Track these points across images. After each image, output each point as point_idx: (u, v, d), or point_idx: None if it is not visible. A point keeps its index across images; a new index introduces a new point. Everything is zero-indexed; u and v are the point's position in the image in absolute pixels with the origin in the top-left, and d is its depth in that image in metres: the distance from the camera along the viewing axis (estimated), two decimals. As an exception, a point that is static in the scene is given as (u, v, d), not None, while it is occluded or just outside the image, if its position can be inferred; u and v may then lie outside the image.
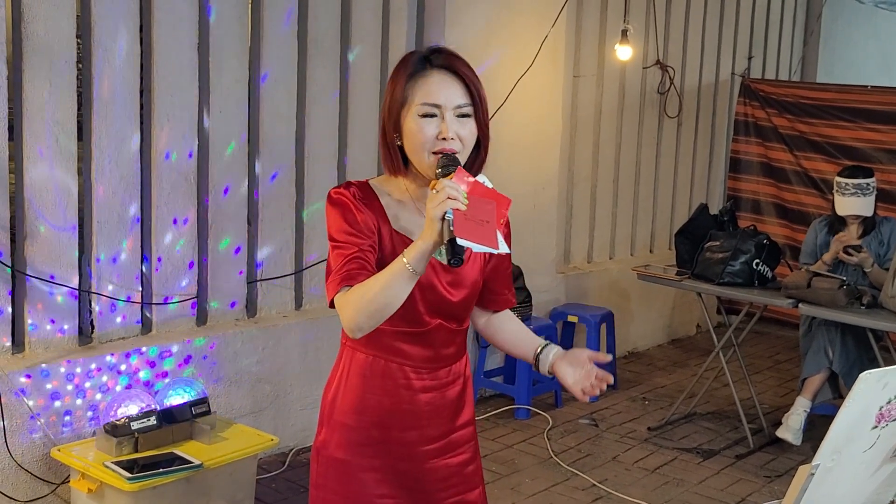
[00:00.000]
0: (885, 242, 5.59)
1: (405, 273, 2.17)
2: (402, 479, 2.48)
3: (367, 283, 2.22)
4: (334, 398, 2.48)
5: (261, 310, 5.25)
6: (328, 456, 2.47)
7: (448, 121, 2.30)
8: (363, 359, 2.44)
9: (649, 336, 7.60)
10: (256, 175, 5.17)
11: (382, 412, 2.44)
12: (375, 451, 2.45)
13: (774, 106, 7.75)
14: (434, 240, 2.12)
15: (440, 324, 2.42)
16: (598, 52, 7.06)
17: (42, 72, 4.26)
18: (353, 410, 2.45)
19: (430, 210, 2.11)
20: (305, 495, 4.76)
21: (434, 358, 2.45)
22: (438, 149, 2.29)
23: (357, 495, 2.46)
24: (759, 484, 5.16)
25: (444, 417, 2.50)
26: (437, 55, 2.37)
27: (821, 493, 1.83)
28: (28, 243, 4.34)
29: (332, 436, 2.47)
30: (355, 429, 2.45)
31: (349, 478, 2.45)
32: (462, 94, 2.33)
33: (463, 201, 2.10)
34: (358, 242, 2.30)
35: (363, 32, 5.52)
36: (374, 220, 2.35)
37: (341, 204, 2.35)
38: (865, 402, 1.78)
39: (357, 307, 2.22)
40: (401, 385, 2.43)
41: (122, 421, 4.21)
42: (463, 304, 2.46)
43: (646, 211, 7.78)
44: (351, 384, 2.45)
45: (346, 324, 2.27)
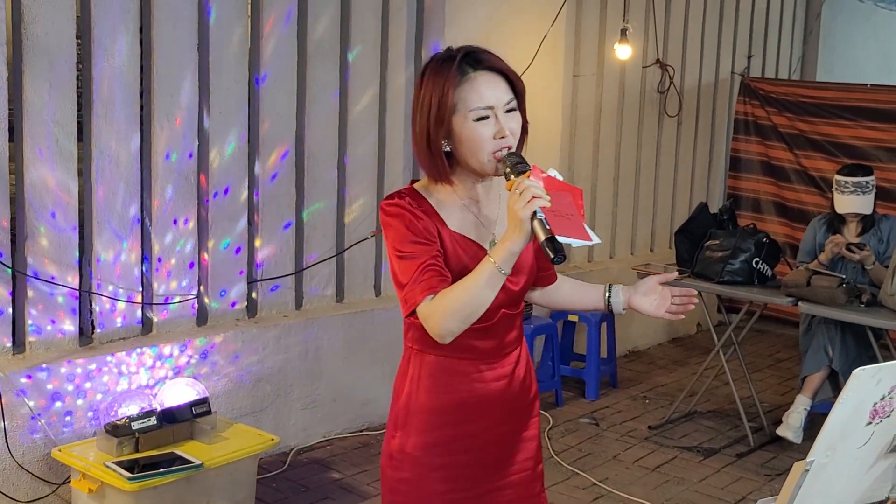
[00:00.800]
0: (885, 240, 5.60)
1: (495, 275, 2.24)
2: (482, 467, 2.53)
3: (454, 290, 2.28)
4: (407, 402, 2.51)
5: (261, 310, 5.26)
6: (403, 461, 2.51)
7: (501, 119, 2.36)
8: (433, 360, 2.48)
9: (650, 335, 7.60)
10: (256, 175, 5.18)
11: (457, 408, 2.48)
12: (453, 448, 2.50)
13: (774, 105, 7.75)
14: (523, 239, 2.18)
15: (504, 312, 2.48)
16: (598, 51, 7.06)
17: (42, 73, 4.27)
18: (429, 411, 2.49)
19: (518, 211, 2.16)
20: (306, 495, 4.78)
21: (500, 346, 2.51)
22: (497, 148, 2.35)
23: (430, 496, 2.50)
24: (760, 482, 5.16)
25: (514, 398, 2.57)
26: (471, 57, 2.40)
27: (816, 489, 1.84)
28: (28, 244, 4.35)
29: (407, 439, 2.51)
30: (433, 428, 2.49)
31: (423, 479, 2.50)
32: (507, 90, 2.39)
33: (546, 198, 2.16)
34: (427, 250, 2.35)
35: (362, 32, 5.53)
36: (433, 225, 2.39)
37: (400, 214, 2.39)
38: (859, 399, 1.79)
39: (447, 313, 2.27)
40: (474, 379, 2.49)
41: (123, 421, 4.22)
42: (523, 290, 2.53)
43: (646, 210, 7.79)
44: (424, 386, 2.49)
45: (435, 331, 2.31)
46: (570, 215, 2.18)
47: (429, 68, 2.42)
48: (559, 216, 2.15)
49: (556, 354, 6.26)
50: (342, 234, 5.59)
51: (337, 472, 5.06)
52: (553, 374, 6.25)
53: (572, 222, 2.17)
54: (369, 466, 5.12)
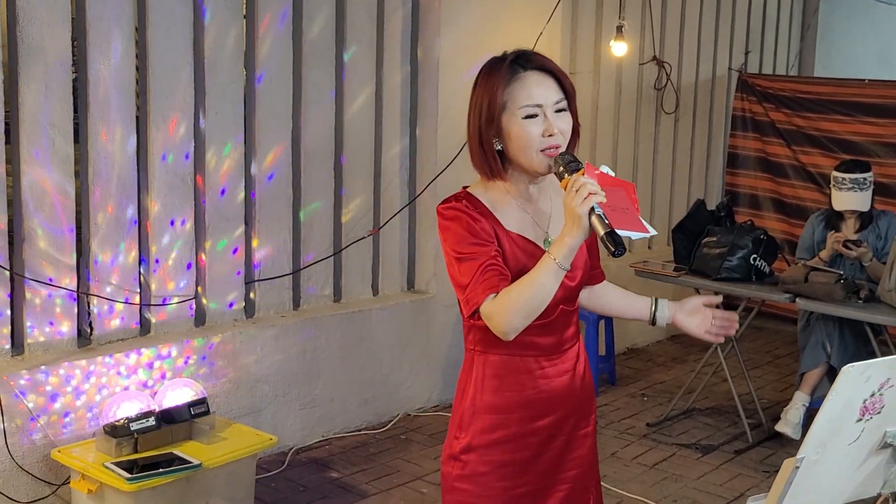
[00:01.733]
0: (883, 236, 5.60)
1: (555, 271, 2.29)
2: (541, 463, 2.56)
3: (516, 287, 2.34)
4: (473, 403, 2.55)
5: (259, 310, 5.26)
6: (473, 459, 2.54)
7: (550, 118, 2.41)
8: (497, 360, 2.52)
9: (648, 332, 7.61)
10: (253, 176, 5.18)
11: (523, 405, 2.52)
12: (517, 446, 2.53)
13: (772, 101, 7.75)
14: (582, 235, 2.24)
15: (562, 309, 2.53)
16: (594, 48, 7.06)
17: (38, 75, 4.28)
18: (495, 410, 2.52)
19: (575, 208, 2.21)
20: (305, 494, 4.79)
21: (559, 342, 2.55)
22: (546, 146, 2.40)
23: (494, 492, 2.53)
24: (759, 479, 5.17)
25: (576, 394, 2.60)
26: (524, 58, 2.47)
27: (807, 485, 1.84)
28: (26, 246, 4.35)
29: (473, 440, 2.54)
30: (499, 427, 2.52)
31: (492, 475, 2.53)
32: (557, 90, 2.45)
33: (602, 195, 2.22)
34: (486, 251, 2.40)
35: (358, 32, 5.53)
36: (490, 227, 2.44)
37: (458, 217, 2.44)
38: (848, 396, 1.80)
39: (511, 310, 2.33)
40: (537, 375, 2.53)
41: (122, 422, 4.22)
42: (579, 286, 2.59)
43: (644, 207, 7.75)
44: (488, 386, 2.53)
45: (500, 328, 2.36)
46: (626, 209, 2.25)
47: (482, 70, 2.50)
48: (616, 210, 2.22)
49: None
50: (339, 234, 5.59)
51: (335, 472, 5.06)
52: (552, 371, 6.24)
53: (629, 216, 2.24)
54: (368, 466, 5.13)
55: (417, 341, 5.88)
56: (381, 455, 5.29)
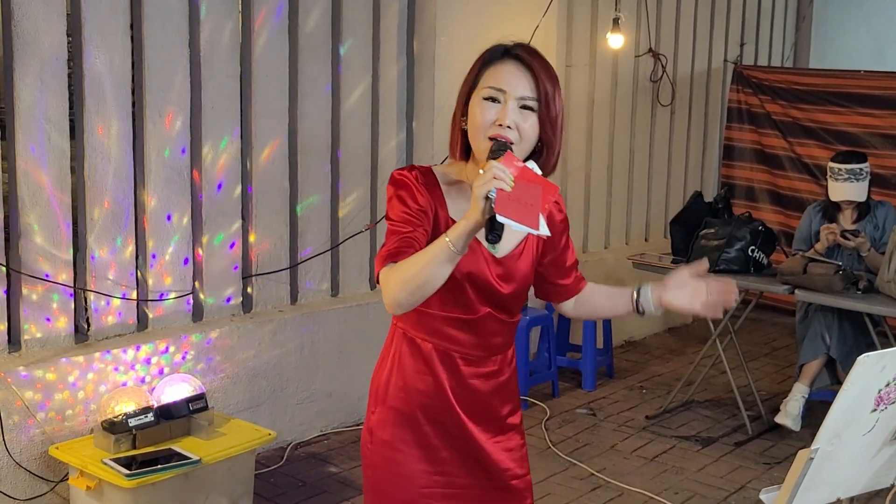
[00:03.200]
0: (880, 227, 5.59)
1: (446, 250, 2.16)
2: (460, 457, 2.52)
3: (409, 260, 2.24)
4: (388, 379, 2.52)
5: (256, 305, 5.24)
6: (381, 437, 2.51)
7: (509, 108, 2.31)
8: (415, 342, 2.48)
9: (646, 325, 7.59)
10: (249, 170, 5.15)
11: (432, 393, 2.48)
12: (427, 431, 2.49)
13: (767, 92, 7.74)
14: (477, 219, 2.12)
15: (490, 313, 2.46)
16: (590, 41, 7.04)
17: (33, 70, 4.25)
18: (404, 392, 2.49)
19: (475, 189, 2.11)
20: (304, 489, 4.77)
21: (482, 346, 2.49)
22: (493, 134, 2.31)
23: (411, 473, 2.49)
24: (759, 471, 5.16)
25: (492, 403, 2.54)
26: (516, 48, 2.40)
27: (821, 477, 1.83)
28: (22, 242, 4.32)
29: (385, 416, 2.51)
30: (407, 409, 2.48)
31: (403, 456, 2.49)
32: (529, 86, 2.34)
33: (509, 182, 2.10)
34: (413, 223, 2.33)
35: (354, 26, 5.51)
36: (431, 205, 2.38)
37: (403, 185, 2.39)
38: (864, 385, 1.78)
39: (398, 283, 2.24)
40: (449, 369, 2.47)
41: (120, 418, 4.20)
42: (513, 297, 2.48)
43: (640, 199, 7.78)
44: (403, 366, 2.49)
45: (386, 299, 2.28)
46: (529, 204, 2.12)
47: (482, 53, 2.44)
48: (514, 201, 2.11)
49: (553, 345, 6.26)
50: (336, 228, 5.57)
51: (334, 466, 5.05)
52: (549, 364, 6.24)
53: (526, 210, 2.11)
54: (367, 460, 5.11)
55: (415, 335, 5.85)
56: (381, 450, 5.27)
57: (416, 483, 2.50)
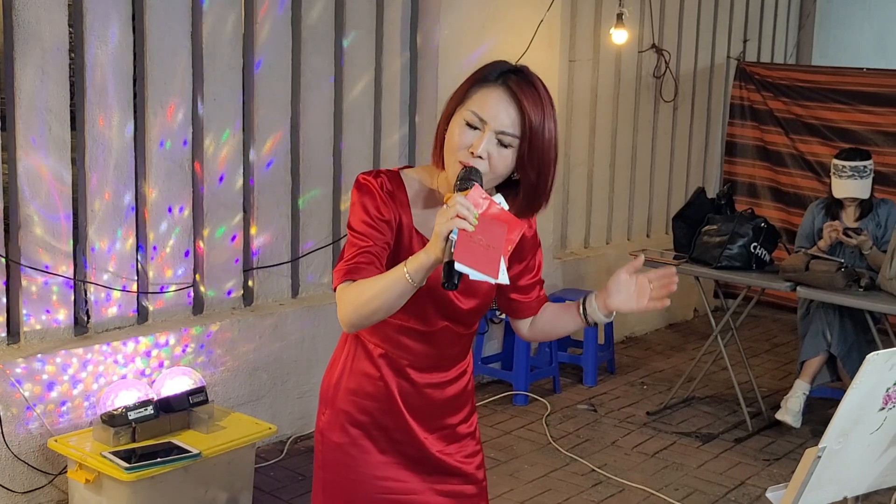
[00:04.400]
0: (883, 225, 5.58)
1: (403, 282, 2.11)
2: (410, 463, 2.48)
3: (366, 283, 2.19)
4: (338, 381, 2.49)
5: (257, 298, 5.22)
6: (331, 439, 2.48)
7: (486, 139, 2.21)
8: (369, 348, 2.44)
9: (647, 321, 7.59)
10: (251, 162, 5.14)
11: (381, 399, 2.44)
12: (375, 436, 2.46)
13: (770, 89, 7.72)
14: (437, 256, 2.05)
15: (447, 326, 2.41)
16: (594, 36, 7.03)
17: (34, 60, 4.22)
18: (355, 395, 2.45)
19: (437, 226, 2.04)
20: (304, 483, 4.76)
21: (437, 356, 2.45)
22: (463, 159, 2.22)
23: (360, 477, 2.46)
24: (759, 467, 5.15)
25: (443, 412, 2.50)
26: (514, 75, 2.27)
27: (827, 475, 1.82)
28: (22, 233, 4.31)
29: (335, 418, 2.47)
30: (357, 413, 2.45)
31: (352, 460, 2.46)
32: (513, 122, 2.22)
33: (472, 222, 2.02)
34: (374, 235, 2.27)
35: (357, 18, 5.48)
36: (395, 214, 2.32)
37: (367, 192, 2.31)
38: (872, 384, 1.77)
39: (353, 304, 2.19)
40: (402, 377, 2.43)
41: (119, 411, 4.19)
42: (473, 311, 2.44)
43: (642, 195, 7.76)
44: (354, 370, 2.46)
45: (340, 317, 2.25)
46: (490, 247, 2.03)
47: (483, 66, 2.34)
48: (475, 244, 2.01)
49: (554, 341, 6.24)
50: (338, 222, 5.55)
51: (335, 461, 5.03)
52: (550, 360, 6.23)
53: (486, 254, 2.03)
54: (367, 455, 5.10)
55: (416, 330, 5.84)
56: (381, 444, 5.26)
57: (366, 488, 2.47)
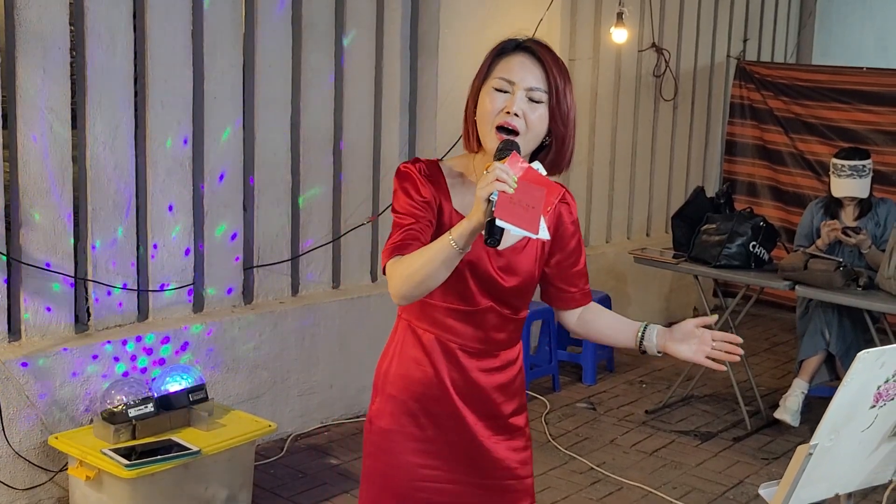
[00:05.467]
0: (882, 224, 5.59)
1: (449, 249, 2.19)
2: (452, 450, 2.52)
3: (413, 255, 2.28)
4: (387, 369, 2.55)
5: (257, 296, 5.24)
6: (379, 425, 2.53)
7: (517, 98, 2.35)
8: (418, 332, 2.50)
9: (646, 319, 7.46)
10: (252, 161, 5.15)
11: (431, 385, 2.49)
12: (423, 423, 2.50)
13: (770, 88, 7.73)
14: (479, 219, 2.14)
15: (492, 306, 2.46)
16: (594, 35, 7.03)
17: (35, 59, 4.24)
18: (403, 381, 2.51)
19: (478, 190, 2.14)
20: (304, 481, 4.78)
21: (484, 340, 2.49)
22: (501, 122, 2.33)
23: (405, 465, 2.51)
24: (757, 466, 5.17)
25: (494, 399, 2.54)
26: (530, 41, 2.44)
27: (819, 472, 1.83)
28: (23, 231, 4.32)
29: (384, 406, 2.53)
30: (406, 399, 2.50)
31: (398, 447, 2.51)
32: (539, 78, 2.37)
33: (511, 184, 2.12)
34: (417, 215, 2.37)
35: (358, 16, 5.50)
36: (436, 197, 2.41)
37: (407, 177, 2.43)
38: (863, 381, 1.78)
39: (402, 277, 2.27)
40: (451, 361, 2.48)
41: (120, 408, 4.20)
42: (515, 291, 2.49)
43: (642, 194, 7.77)
44: (404, 356, 2.52)
45: (391, 291, 2.32)
46: (530, 207, 2.13)
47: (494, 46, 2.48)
48: (516, 204, 2.11)
49: (553, 339, 6.26)
50: (338, 220, 5.57)
51: (334, 458, 5.05)
52: (550, 358, 6.24)
53: (527, 213, 2.12)
54: (367, 452, 5.11)
55: (416, 328, 5.85)
56: (380, 442, 5.27)
57: (410, 475, 2.51)
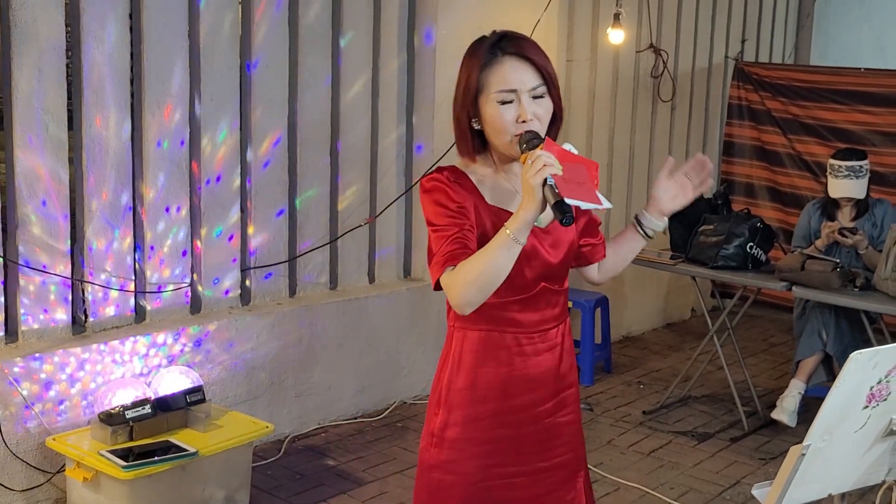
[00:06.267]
0: (879, 224, 5.59)
1: (510, 244, 2.24)
2: (522, 443, 2.54)
3: (472, 259, 2.29)
4: (450, 380, 2.55)
5: (255, 297, 5.24)
6: (447, 437, 2.53)
7: (525, 103, 2.39)
8: (476, 335, 2.51)
9: (644, 320, 7.60)
10: (249, 162, 5.15)
11: (499, 382, 2.50)
12: (494, 423, 2.52)
13: (768, 89, 7.73)
14: (536, 207, 2.20)
15: (544, 286, 2.50)
16: (591, 36, 7.03)
17: (31, 60, 4.24)
18: (469, 390, 2.51)
19: (529, 179, 2.19)
20: (301, 482, 4.78)
21: (542, 321, 2.52)
22: (519, 132, 2.38)
23: (474, 470, 2.52)
24: (754, 466, 5.17)
25: (556, 377, 2.57)
26: (506, 41, 2.44)
27: (812, 472, 1.83)
28: (20, 232, 4.32)
29: (450, 416, 2.53)
30: (474, 404, 2.51)
31: (466, 454, 2.52)
32: (534, 76, 2.41)
33: (558, 167, 2.20)
34: (458, 223, 2.38)
35: (355, 18, 5.50)
36: (469, 200, 2.42)
37: (437, 189, 2.43)
38: (856, 382, 1.78)
39: (465, 283, 2.29)
40: (514, 353, 2.50)
41: (117, 409, 4.21)
42: (563, 263, 2.54)
43: (640, 195, 7.77)
44: (465, 362, 2.52)
45: (454, 301, 2.33)
46: (582, 183, 2.23)
47: (467, 51, 2.48)
48: (570, 182, 2.20)
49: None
50: (335, 222, 5.57)
51: (332, 460, 5.05)
52: (547, 359, 6.23)
53: (583, 188, 2.23)
54: (364, 453, 5.12)
55: (413, 329, 5.86)
56: (378, 443, 5.28)
57: (481, 477, 2.53)
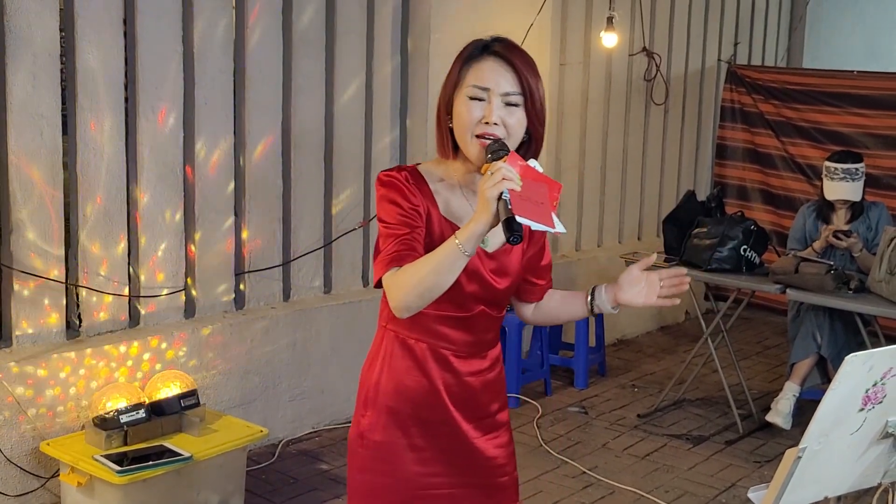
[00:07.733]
0: (873, 227, 5.60)
1: (456, 253, 2.18)
2: (451, 457, 2.52)
3: (417, 264, 2.25)
4: (378, 381, 2.51)
5: (249, 302, 5.24)
6: (374, 439, 2.50)
7: (494, 106, 2.33)
8: (407, 343, 2.47)
9: (638, 323, 7.61)
10: (242, 167, 5.15)
11: (425, 393, 2.48)
12: (420, 432, 2.49)
13: (761, 92, 7.75)
14: (488, 220, 2.14)
15: (483, 310, 2.47)
16: (584, 39, 7.05)
17: (25, 65, 4.24)
18: (397, 392, 2.48)
19: (486, 191, 2.13)
20: (295, 486, 4.77)
21: (475, 343, 2.50)
22: (480, 132, 2.32)
23: (406, 475, 2.50)
24: (749, 469, 5.18)
25: (483, 400, 2.55)
26: (497, 44, 2.41)
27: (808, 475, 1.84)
28: (14, 237, 4.32)
29: (377, 418, 2.50)
30: (400, 410, 2.48)
31: (397, 458, 2.49)
32: (512, 82, 2.36)
33: (518, 182, 2.13)
34: (409, 224, 2.34)
35: (348, 23, 5.50)
36: (423, 204, 2.38)
37: (393, 186, 2.38)
38: (852, 385, 1.79)
39: (407, 287, 2.25)
40: (443, 367, 2.47)
41: (111, 414, 4.20)
42: (507, 291, 2.50)
43: (633, 198, 7.78)
44: (395, 367, 2.49)
45: (394, 303, 2.29)
46: (540, 203, 2.15)
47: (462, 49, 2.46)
48: (527, 201, 2.13)
49: (545, 343, 6.26)
50: (329, 226, 5.57)
51: (325, 464, 5.05)
52: (542, 363, 6.25)
53: (540, 208, 2.15)
54: (359, 457, 5.11)
55: (408, 333, 5.85)
56: (372, 447, 5.27)
57: (415, 485, 2.50)
